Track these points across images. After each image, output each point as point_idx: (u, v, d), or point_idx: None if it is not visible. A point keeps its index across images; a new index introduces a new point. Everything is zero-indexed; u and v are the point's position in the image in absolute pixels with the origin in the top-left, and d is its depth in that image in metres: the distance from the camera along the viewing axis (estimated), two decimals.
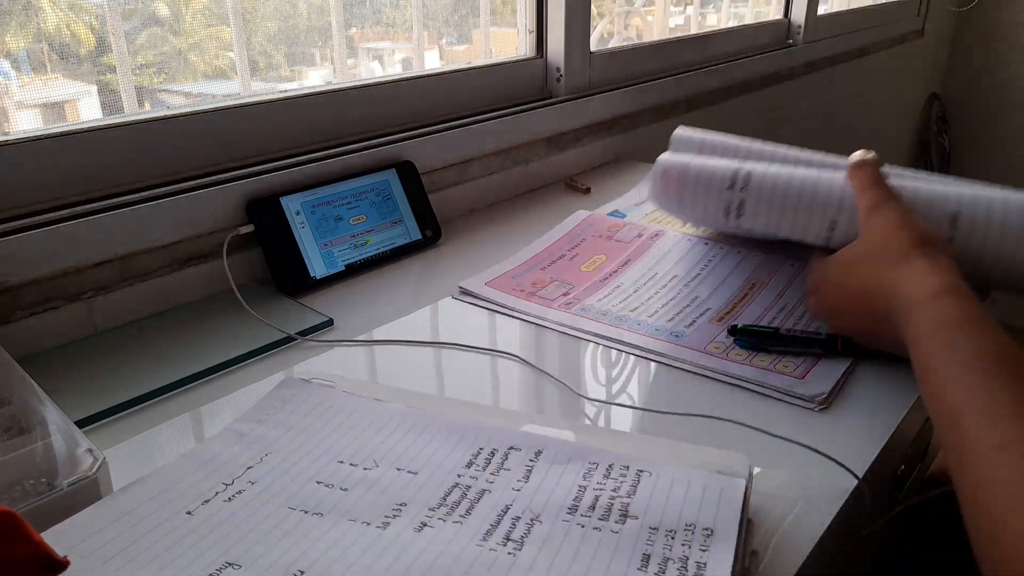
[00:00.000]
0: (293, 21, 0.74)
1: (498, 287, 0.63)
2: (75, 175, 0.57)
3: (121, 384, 0.49)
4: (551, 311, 0.59)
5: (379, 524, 0.35)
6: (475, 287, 0.63)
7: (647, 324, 0.57)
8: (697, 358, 0.52)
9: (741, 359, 0.52)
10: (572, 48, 0.93)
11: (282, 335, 0.55)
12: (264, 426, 0.42)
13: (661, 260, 0.67)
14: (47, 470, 0.37)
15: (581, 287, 0.63)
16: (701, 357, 0.52)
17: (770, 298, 0.60)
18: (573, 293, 0.62)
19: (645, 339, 0.54)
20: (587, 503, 0.35)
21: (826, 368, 0.51)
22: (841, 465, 0.41)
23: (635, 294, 0.61)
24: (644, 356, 0.53)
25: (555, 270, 0.66)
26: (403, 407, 0.43)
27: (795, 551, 0.36)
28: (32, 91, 0.59)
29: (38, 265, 0.52)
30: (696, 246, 0.69)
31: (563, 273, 0.65)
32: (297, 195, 0.65)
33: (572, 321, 0.57)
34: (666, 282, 0.63)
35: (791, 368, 0.50)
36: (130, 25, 0.63)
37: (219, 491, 0.37)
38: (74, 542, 0.33)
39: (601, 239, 0.71)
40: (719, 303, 0.59)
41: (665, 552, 0.33)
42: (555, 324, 0.57)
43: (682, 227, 0.74)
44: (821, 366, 0.51)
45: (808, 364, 0.51)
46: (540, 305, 0.60)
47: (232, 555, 0.33)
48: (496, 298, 0.61)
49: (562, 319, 0.58)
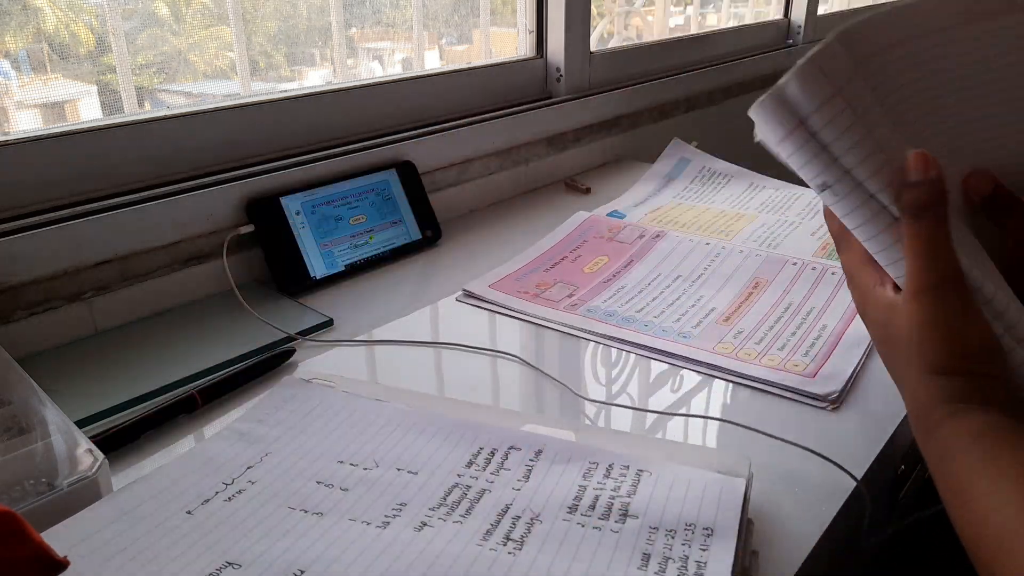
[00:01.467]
0: (293, 21, 0.74)
1: (502, 289, 0.63)
2: (75, 175, 0.56)
3: (121, 384, 0.49)
4: (557, 313, 0.59)
5: (379, 524, 0.35)
6: (479, 290, 0.62)
7: (654, 325, 0.57)
8: (707, 358, 0.52)
9: (750, 359, 0.51)
10: (572, 48, 0.93)
11: (282, 335, 0.55)
12: (264, 426, 0.42)
13: (664, 261, 0.67)
14: (47, 470, 0.37)
15: (585, 288, 0.63)
16: (711, 357, 0.52)
17: (775, 297, 0.60)
18: (578, 295, 0.62)
19: (653, 339, 0.54)
20: (587, 503, 0.35)
21: (835, 366, 0.50)
22: (840, 467, 0.41)
23: (640, 295, 0.61)
24: (653, 357, 0.53)
25: (558, 272, 0.66)
26: (403, 407, 0.43)
27: (795, 551, 0.36)
28: (32, 91, 0.59)
29: (38, 265, 0.52)
30: (698, 246, 0.69)
31: (566, 275, 0.65)
32: (297, 195, 0.65)
33: (580, 323, 0.57)
34: (670, 282, 0.63)
35: (801, 367, 0.50)
36: (130, 25, 0.63)
37: (219, 491, 0.37)
38: (74, 542, 0.33)
39: (602, 240, 0.72)
40: (724, 303, 0.59)
41: (665, 551, 0.33)
42: (562, 326, 0.57)
43: (682, 228, 0.75)
44: (831, 363, 0.50)
45: (819, 362, 0.51)
46: (546, 307, 0.60)
47: (232, 555, 0.33)
48: (501, 300, 0.61)
49: (569, 321, 0.58)
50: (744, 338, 0.54)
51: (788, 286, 0.61)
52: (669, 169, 0.91)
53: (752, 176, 0.88)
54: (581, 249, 0.70)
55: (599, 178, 0.93)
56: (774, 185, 0.86)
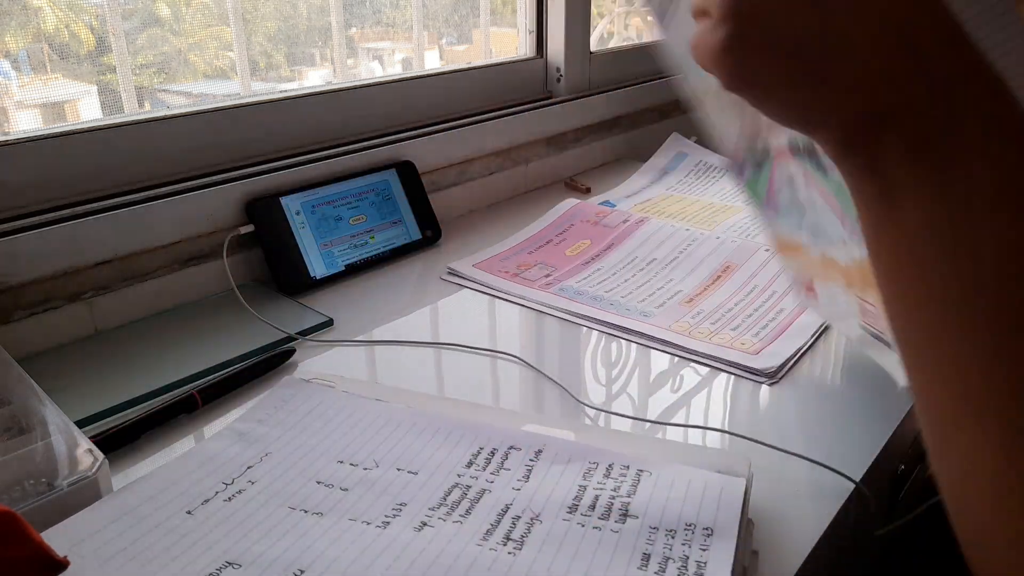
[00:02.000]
0: (293, 21, 0.74)
1: (485, 269, 0.66)
2: (75, 175, 0.56)
3: (121, 384, 0.49)
4: (531, 291, 0.62)
5: (379, 524, 0.34)
6: (463, 268, 0.66)
7: (619, 303, 0.59)
8: (661, 334, 0.54)
9: (702, 337, 0.54)
10: (572, 48, 0.93)
11: (282, 335, 0.55)
12: (264, 426, 0.42)
13: (643, 244, 0.69)
14: (47, 470, 0.37)
15: (563, 269, 0.66)
16: (664, 334, 0.54)
17: (741, 281, 0.62)
18: (554, 275, 0.65)
19: (616, 317, 0.57)
20: (587, 502, 0.35)
21: (781, 345, 0.52)
22: (839, 473, 0.40)
23: (613, 276, 0.64)
24: (610, 333, 0.56)
25: (541, 254, 0.69)
26: (403, 407, 0.43)
27: (795, 551, 0.36)
28: (32, 91, 0.59)
29: (38, 265, 0.52)
30: (677, 232, 0.71)
31: (548, 257, 0.68)
32: (297, 195, 0.65)
33: (549, 300, 0.60)
34: (644, 265, 0.66)
35: (748, 346, 0.52)
36: (130, 25, 0.63)
37: (219, 491, 0.37)
38: (74, 542, 0.33)
39: (588, 224, 0.74)
40: (691, 285, 0.62)
41: (665, 551, 0.32)
42: (534, 303, 0.60)
43: (666, 219, 0.75)
44: (777, 343, 0.53)
45: (766, 342, 0.53)
46: (521, 286, 0.63)
47: (232, 555, 0.33)
48: (482, 279, 0.64)
49: (541, 298, 0.60)
50: (702, 318, 0.57)
51: (756, 271, 0.63)
52: (666, 163, 0.92)
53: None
54: (567, 233, 0.73)
55: (599, 178, 0.93)
56: None
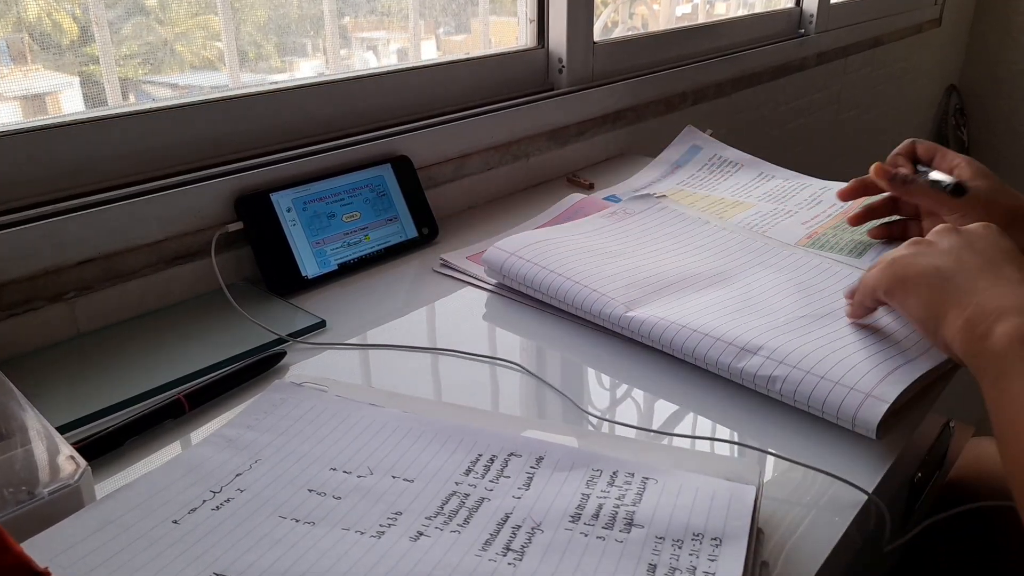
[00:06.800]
0: (284, 10, 0.74)
1: (477, 261, 0.65)
2: (56, 170, 0.56)
3: (105, 388, 0.48)
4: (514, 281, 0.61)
5: (374, 533, 0.34)
6: (456, 260, 0.65)
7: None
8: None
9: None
10: (575, 38, 0.92)
11: (273, 337, 0.54)
12: (253, 431, 0.41)
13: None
14: (27, 478, 0.36)
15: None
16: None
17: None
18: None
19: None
20: (591, 511, 0.35)
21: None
22: (852, 484, 0.39)
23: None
24: (572, 312, 0.56)
25: None
26: (398, 412, 0.43)
27: (807, 562, 0.35)
28: (12, 82, 0.58)
29: (18, 264, 0.52)
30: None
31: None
32: (288, 191, 0.64)
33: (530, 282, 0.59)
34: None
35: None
36: (114, 14, 0.63)
37: (207, 499, 0.36)
38: (55, 552, 0.32)
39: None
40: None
41: (672, 562, 0.32)
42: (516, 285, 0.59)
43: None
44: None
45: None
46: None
47: (220, 566, 0.32)
48: (472, 271, 0.64)
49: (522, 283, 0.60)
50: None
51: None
52: (679, 156, 0.90)
53: (763, 165, 0.86)
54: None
55: (602, 173, 0.92)
56: (784, 175, 0.84)
